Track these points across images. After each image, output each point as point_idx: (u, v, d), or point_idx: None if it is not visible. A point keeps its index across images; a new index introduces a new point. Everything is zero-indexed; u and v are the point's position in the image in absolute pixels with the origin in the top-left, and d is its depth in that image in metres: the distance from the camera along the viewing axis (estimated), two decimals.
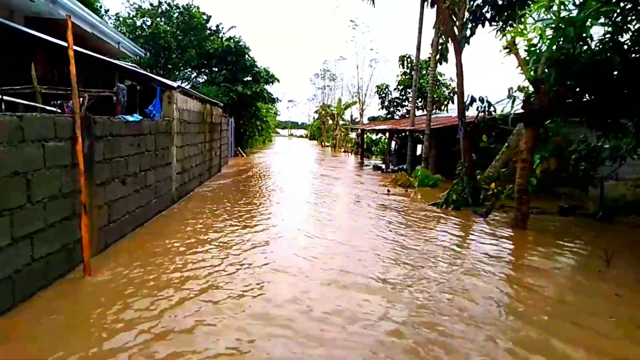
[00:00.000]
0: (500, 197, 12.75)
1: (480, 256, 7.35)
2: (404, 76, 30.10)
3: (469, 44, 10.79)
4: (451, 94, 11.72)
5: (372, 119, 43.93)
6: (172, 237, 7.63)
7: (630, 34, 7.35)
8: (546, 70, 8.54)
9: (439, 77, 29.22)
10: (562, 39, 7.42)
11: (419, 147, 23.56)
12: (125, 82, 10.21)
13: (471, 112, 12.46)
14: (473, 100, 11.25)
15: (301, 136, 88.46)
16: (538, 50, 7.61)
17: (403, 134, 26.39)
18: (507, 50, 9.29)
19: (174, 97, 10.48)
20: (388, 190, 14.94)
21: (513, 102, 8.82)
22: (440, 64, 11.88)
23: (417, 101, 28.97)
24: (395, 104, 31.34)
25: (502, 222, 10.24)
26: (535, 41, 7.83)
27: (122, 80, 9.66)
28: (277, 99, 35.71)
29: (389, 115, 31.68)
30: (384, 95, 31.65)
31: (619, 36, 7.35)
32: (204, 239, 7.58)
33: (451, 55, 11.73)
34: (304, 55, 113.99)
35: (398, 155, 25.29)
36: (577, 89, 8.36)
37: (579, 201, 12.77)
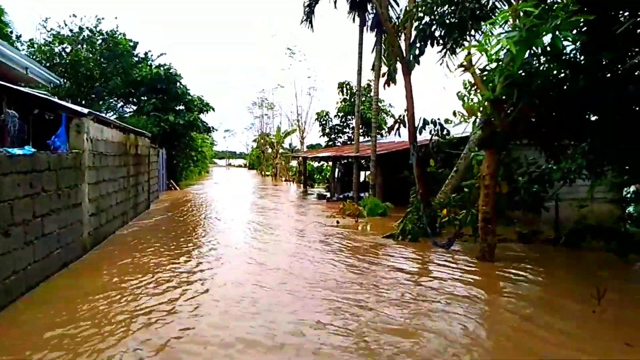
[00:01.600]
0: (456, 225, 12.02)
1: (453, 298, 6.31)
2: (343, 103, 29.71)
3: (418, 63, 10.10)
4: (400, 119, 11.09)
5: (312, 147, 43.24)
6: (73, 302, 5.90)
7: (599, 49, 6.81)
8: (505, 89, 7.90)
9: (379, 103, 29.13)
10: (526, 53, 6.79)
11: (362, 174, 22.89)
12: (34, 111, 8.45)
13: (421, 137, 11.78)
14: (426, 123, 10.53)
15: (240, 166, 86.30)
16: (503, 66, 6.89)
17: (347, 160, 25.70)
18: (463, 69, 8.62)
19: (84, 125, 8.78)
20: (337, 222, 13.81)
21: (474, 124, 8.05)
22: (389, 85, 11.14)
23: (359, 127, 28.67)
24: (336, 130, 30.79)
25: (466, 253, 9.37)
26: (499, 56, 7.12)
27: (22, 107, 7.87)
28: (213, 128, 34.02)
29: (330, 143, 31.03)
30: (324, 122, 31.04)
31: (588, 52, 6.80)
32: (116, 308, 5.89)
33: (399, 76, 11.04)
34: (241, 84, 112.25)
35: (342, 183, 24.44)
36: (541, 109, 7.74)
37: (533, 225, 12.31)
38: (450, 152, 12.24)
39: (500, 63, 7.21)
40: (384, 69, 18.45)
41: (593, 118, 9.94)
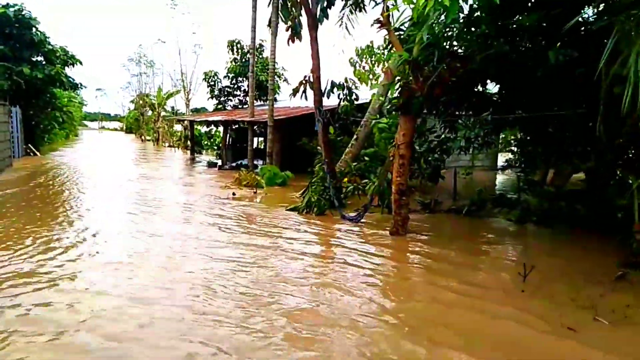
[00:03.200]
0: (359, 195, 11.55)
1: (368, 281, 5.63)
2: (234, 63, 27.55)
3: (327, 17, 9.06)
4: (306, 80, 10.03)
5: (196, 111, 40.29)
6: None
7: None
8: (424, 51, 7.26)
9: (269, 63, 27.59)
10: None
11: (255, 140, 21.56)
12: None
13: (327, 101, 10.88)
14: (334, 86, 9.63)
15: (115, 129, 78.41)
16: (430, 22, 6.13)
17: (239, 125, 24.03)
18: (379, 25, 7.77)
19: None
20: (233, 194, 12.49)
21: (392, 87, 7.30)
22: (293, 41, 9.91)
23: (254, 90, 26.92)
24: (226, 93, 28.58)
25: (376, 226, 8.84)
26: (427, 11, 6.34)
27: None
28: (81, 84, 29.56)
29: (220, 106, 28.80)
30: (212, 83, 28.59)
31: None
32: None
33: (304, 32, 9.87)
34: (116, 38, 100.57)
35: (234, 150, 22.83)
36: (462, 74, 7.24)
37: (431, 194, 12.35)
38: (350, 119, 11.60)
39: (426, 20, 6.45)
40: (282, 25, 17.14)
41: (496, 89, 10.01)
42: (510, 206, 9.54)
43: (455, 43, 7.23)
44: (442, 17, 6.21)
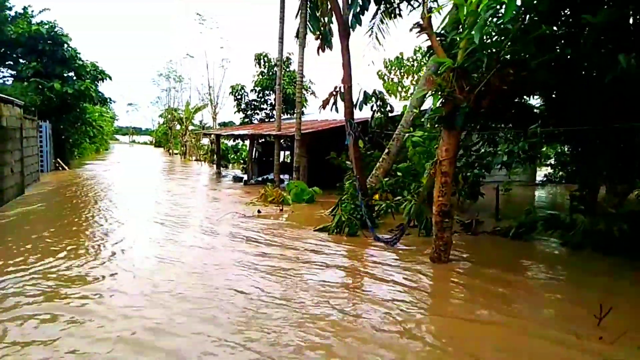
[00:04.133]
0: (391, 213, 10.74)
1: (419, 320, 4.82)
2: (261, 76, 27.33)
3: (360, 24, 8.42)
4: (336, 91, 9.46)
5: (224, 124, 40.26)
6: None
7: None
8: (471, 56, 6.51)
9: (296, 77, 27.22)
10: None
11: (281, 154, 21.04)
12: None
13: (359, 113, 10.19)
14: (367, 97, 8.94)
15: (145, 143, 79.90)
16: (481, 22, 5.36)
17: (265, 139, 23.60)
18: (419, 29, 7.06)
19: None
20: (259, 211, 11.87)
21: (435, 98, 6.52)
22: (323, 50, 9.32)
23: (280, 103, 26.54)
24: (252, 107, 28.34)
25: (414, 251, 8.02)
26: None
27: None
28: (110, 99, 29.85)
29: (246, 120, 28.57)
30: (239, 97, 28.41)
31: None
32: None
33: (335, 40, 9.26)
34: (146, 53, 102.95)
35: (260, 164, 22.38)
36: (514, 82, 6.41)
37: (470, 213, 11.43)
38: (383, 133, 10.87)
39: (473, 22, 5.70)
40: (310, 37, 16.64)
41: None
42: (564, 228, 8.54)
43: (505, 47, 6.41)
44: (494, 18, 5.44)
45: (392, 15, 9.56)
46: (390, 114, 9.89)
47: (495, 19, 5.53)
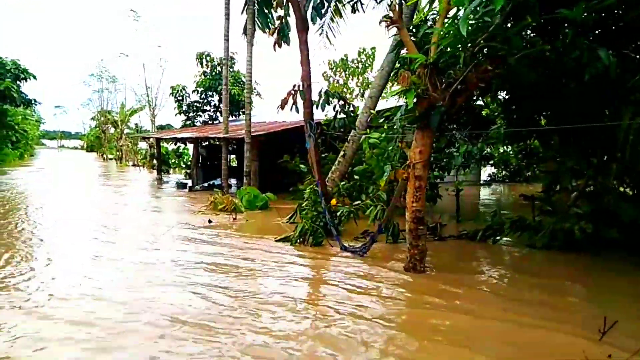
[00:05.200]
0: (353, 218, 10.21)
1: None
2: (203, 76, 26.02)
3: (321, 17, 7.83)
4: (295, 90, 8.77)
5: (161, 128, 38.23)
6: None
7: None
8: (447, 51, 6.09)
9: (242, 77, 26.20)
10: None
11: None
12: None
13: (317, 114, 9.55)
14: (329, 96, 8.34)
15: (75, 148, 74.69)
16: (469, 11, 4.90)
17: (209, 142, 22.42)
18: (388, 22, 6.56)
19: None
20: (209, 221, 10.90)
21: (410, 97, 6.00)
22: (280, 46, 8.57)
23: (221, 105, 25.33)
24: (195, 108, 26.92)
25: (385, 259, 7.50)
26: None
27: None
28: (35, 100, 27.27)
29: (188, 122, 27.08)
30: (180, 98, 26.89)
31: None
32: None
33: (293, 35, 8.57)
34: (76, 52, 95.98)
35: (205, 169, 21.15)
36: (492, 78, 6.05)
37: (431, 216, 11.17)
38: (345, 134, 10.35)
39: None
40: (259, 33, 15.81)
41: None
42: (531, 230, 8.40)
43: (481, 42, 6.04)
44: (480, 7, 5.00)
45: (353, 9, 9.02)
46: (352, 114, 9.32)
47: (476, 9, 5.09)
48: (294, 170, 15.55)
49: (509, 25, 5.62)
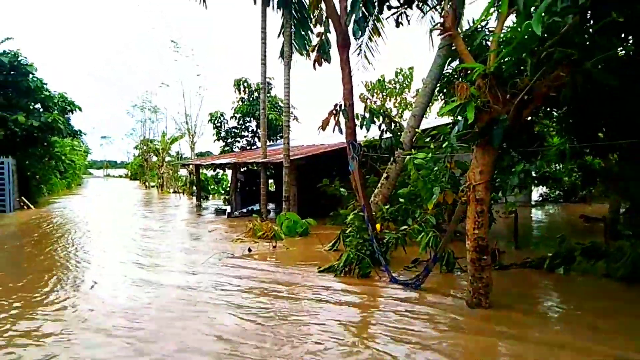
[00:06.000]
0: (401, 245, 9.42)
1: None
2: (241, 102, 26.15)
3: (363, 32, 7.35)
4: (337, 109, 8.41)
5: (201, 154, 38.75)
6: None
7: None
8: (509, 59, 5.42)
9: (279, 102, 26.16)
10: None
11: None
12: None
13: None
14: (373, 114, 7.76)
15: (120, 176, 77.29)
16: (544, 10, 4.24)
17: (247, 168, 22.25)
18: (441, 30, 5.97)
19: None
20: (249, 249, 10.42)
21: (470, 111, 5.32)
22: (320, 64, 8.15)
23: (259, 130, 25.28)
24: (232, 134, 27.01)
25: (444, 295, 6.71)
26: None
27: None
28: (80, 131, 28.03)
29: (226, 148, 27.17)
30: (219, 124, 27.09)
31: None
32: None
33: (333, 52, 8.14)
34: (119, 83, 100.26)
35: (243, 195, 20.93)
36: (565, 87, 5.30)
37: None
38: (392, 155, 9.69)
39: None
40: (296, 56, 15.58)
41: None
42: (608, 258, 7.39)
43: (550, 46, 5.33)
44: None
45: (397, 23, 8.50)
46: (400, 133, 8.71)
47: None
48: (333, 195, 15.00)
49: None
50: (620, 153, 8.62)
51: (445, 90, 12.43)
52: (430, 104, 14.37)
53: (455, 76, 12.03)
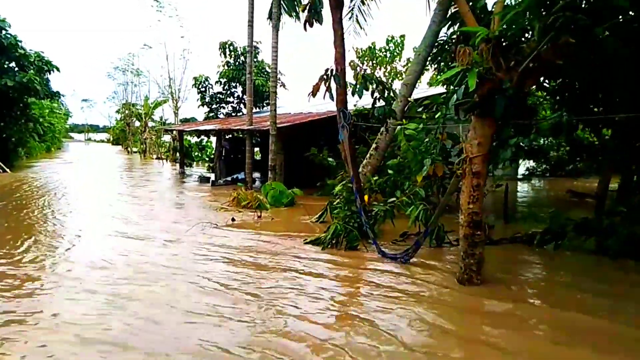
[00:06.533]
0: (388, 217, 9.17)
1: None
2: (226, 67, 25.27)
3: None
4: (328, 75, 7.98)
5: (185, 120, 37.86)
6: None
7: None
8: (514, 23, 5.05)
9: (266, 67, 25.36)
10: None
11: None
12: None
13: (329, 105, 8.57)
14: (366, 81, 7.36)
15: (102, 141, 75.59)
16: None
17: (232, 135, 21.69)
18: None
19: None
20: (233, 219, 10.10)
21: (472, 79, 4.96)
22: (311, 25, 7.63)
23: (244, 96, 24.55)
24: (218, 100, 26.22)
25: (431, 267, 6.53)
26: None
27: None
28: (59, 93, 26.95)
29: (211, 114, 26.42)
30: (203, 89, 26.23)
31: None
32: None
33: (325, 12, 7.62)
34: (100, 43, 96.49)
35: (228, 163, 20.44)
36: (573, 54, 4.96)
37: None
38: (385, 123, 9.37)
39: None
40: (285, 18, 14.90)
41: None
42: (600, 234, 7.25)
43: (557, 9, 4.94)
44: None
45: None
46: (392, 102, 8.35)
47: None
48: (321, 164, 14.65)
49: None
50: (614, 127, 8.41)
51: (439, 59, 11.99)
52: (422, 74, 13.91)
53: (450, 43, 11.62)
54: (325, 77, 7.59)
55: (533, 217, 10.34)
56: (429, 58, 11.76)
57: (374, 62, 31.95)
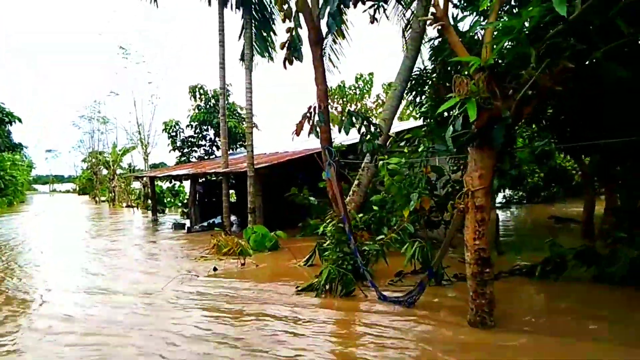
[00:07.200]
0: (379, 256, 8.74)
1: None
2: (197, 110, 24.92)
3: (339, 26, 6.67)
4: (311, 112, 7.75)
5: (155, 166, 36.97)
6: None
7: None
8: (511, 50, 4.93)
9: (237, 109, 25.16)
10: None
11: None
12: None
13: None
14: (352, 117, 7.10)
15: (67, 191, 73.06)
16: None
17: (206, 178, 21.07)
18: (432, 20, 5.41)
19: None
20: (215, 269, 9.45)
21: (471, 109, 4.73)
22: (291, 63, 7.40)
23: (217, 139, 24.16)
24: (189, 143, 25.67)
25: (435, 309, 6.10)
26: None
27: None
28: (21, 145, 25.94)
29: (183, 158, 25.78)
30: (174, 134, 25.69)
31: None
32: None
33: (305, 50, 7.42)
34: (64, 92, 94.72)
35: (203, 207, 19.74)
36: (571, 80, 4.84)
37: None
38: (376, 160, 9.14)
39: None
40: (257, 58, 14.80)
41: None
42: (602, 263, 7.03)
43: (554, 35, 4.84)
44: None
45: (372, 19, 7.91)
46: (380, 136, 8.12)
47: None
48: (301, 204, 14.22)
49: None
50: (602, 153, 8.39)
51: (414, 92, 12.05)
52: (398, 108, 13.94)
53: (425, 77, 11.69)
54: (308, 115, 7.31)
55: (524, 246, 10.13)
56: (406, 93, 11.85)
57: (344, 99, 32.35)
